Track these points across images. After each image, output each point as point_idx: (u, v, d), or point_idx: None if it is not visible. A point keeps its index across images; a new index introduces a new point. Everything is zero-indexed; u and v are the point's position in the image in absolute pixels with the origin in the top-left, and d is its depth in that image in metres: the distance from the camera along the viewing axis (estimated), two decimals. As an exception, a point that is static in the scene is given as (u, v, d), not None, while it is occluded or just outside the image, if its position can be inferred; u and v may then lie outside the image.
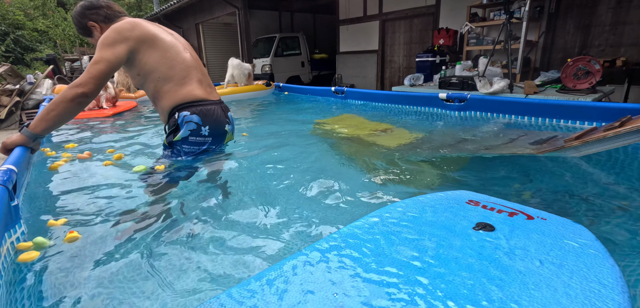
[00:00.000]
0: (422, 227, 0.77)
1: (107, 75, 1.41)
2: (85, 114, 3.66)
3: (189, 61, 1.63)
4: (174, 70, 1.56)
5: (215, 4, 10.06)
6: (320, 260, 0.66)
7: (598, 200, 1.39)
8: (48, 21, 15.10)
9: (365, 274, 0.61)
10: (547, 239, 0.67)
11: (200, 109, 1.58)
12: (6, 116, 6.27)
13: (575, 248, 0.64)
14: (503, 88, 3.49)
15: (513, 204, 0.86)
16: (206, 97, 1.63)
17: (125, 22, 1.52)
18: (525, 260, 0.61)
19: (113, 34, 1.45)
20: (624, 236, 1.12)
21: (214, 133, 1.64)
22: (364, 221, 0.81)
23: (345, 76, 8.79)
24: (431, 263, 0.63)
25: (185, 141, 1.59)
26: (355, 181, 1.69)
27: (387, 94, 3.62)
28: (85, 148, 2.35)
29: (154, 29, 1.58)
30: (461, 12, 5.75)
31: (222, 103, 1.74)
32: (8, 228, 0.99)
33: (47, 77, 7.26)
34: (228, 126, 1.73)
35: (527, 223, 0.74)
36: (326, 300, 0.54)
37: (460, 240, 0.70)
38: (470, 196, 0.93)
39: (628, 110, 1.92)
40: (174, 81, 1.56)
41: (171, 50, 1.58)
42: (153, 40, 1.53)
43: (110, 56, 1.41)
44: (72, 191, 1.53)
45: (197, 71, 1.65)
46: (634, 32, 4.29)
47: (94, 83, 1.38)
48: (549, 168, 1.72)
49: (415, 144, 2.16)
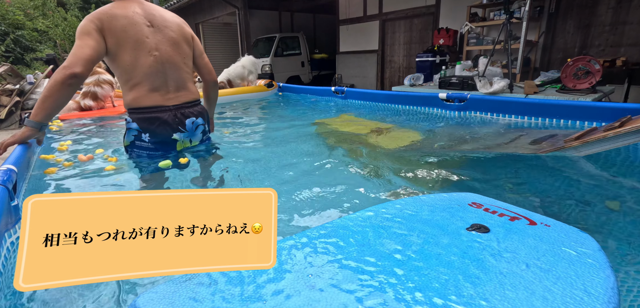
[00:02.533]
0: (414, 224, 0.78)
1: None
2: (87, 114, 3.68)
3: (150, 63, 1.56)
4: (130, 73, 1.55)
5: (215, 4, 10.06)
6: (306, 245, 0.71)
7: (598, 200, 1.39)
8: (48, 21, 15.08)
9: (345, 261, 0.66)
10: (542, 245, 0.68)
11: (141, 116, 1.58)
12: (6, 116, 6.27)
13: (571, 256, 0.64)
14: (503, 88, 3.49)
15: (519, 209, 0.86)
16: (156, 104, 1.58)
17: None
18: (510, 263, 0.62)
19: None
20: (624, 236, 1.12)
21: (156, 140, 1.62)
22: (359, 214, 0.84)
23: (345, 76, 8.80)
24: (412, 257, 0.66)
25: (132, 145, 1.64)
26: (354, 181, 1.69)
27: (387, 94, 3.62)
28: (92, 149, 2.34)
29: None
30: (461, 12, 5.75)
31: (180, 110, 1.65)
32: (8, 228, 0.99)
33: (47, 77, 7.26)
34: (178, 134, 1.66)
35: (526, 228, 0.74)
36: (300, 278, 0.60)
37: (449, 239, 0.71)
38: (475, 198, 0.94)
39: (628, 110, 1.92)
40: (127, 84, 1.56)
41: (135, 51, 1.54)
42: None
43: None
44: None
45: (155, 76, 1.58)
46: (634, 32, 4.28)
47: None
48: (549, 168, 1.72)
49: (415, 144, 2.16)
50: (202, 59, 1.78)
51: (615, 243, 1.08)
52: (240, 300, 0.56)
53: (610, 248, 1.05)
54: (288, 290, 0.58)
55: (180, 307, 0.54)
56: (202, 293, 0.57)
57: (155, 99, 1.58)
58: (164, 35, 1.59)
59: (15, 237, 1.02)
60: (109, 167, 1.80)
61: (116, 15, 1.48)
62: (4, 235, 0.95)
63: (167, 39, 1.60)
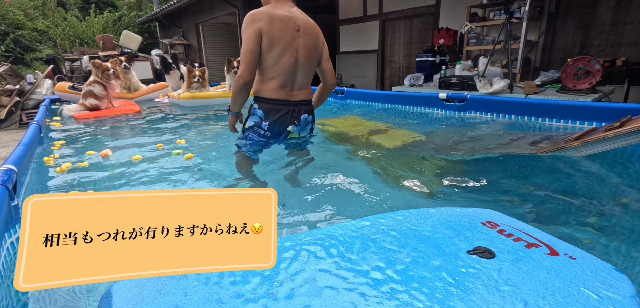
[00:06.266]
0: (408, 240, 0.71)
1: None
2: (92, 114, 3.72)
3: (291, 64, 1.73)
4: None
5: (215, 4, 10.05)
6: (288, 249, 0.69)
7: (598, 200, 1.39)
8: (48, 21, 15.06)
9: (318, 272, 0.62)
10: (556, 281, 0.57)
11: (268, 106, 1.75)
12: (6, 116, 6.27)
13: (589, 300, 0.52)
14: (503, 88, 3.49)
15: (543, 234, 0.75)
16: (282, 98, 1.75)
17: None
18: (505, 298, 0.53)
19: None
20: (624, 236, 1.12)
21: (272, 129, 1.78)
22: (354, 223, 0.79)
23: (345, 76, 8.79)
24: (390, 277, 0.60)
25: (250, 129, 1.81)
26: (354, 180, 1.68)
27: (387, 94, 3.62)
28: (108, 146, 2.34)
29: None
30: (461, 12, 5.75)
31: (298, 105, 1.81)
32: (8, 228, 0.99)
33: (47, 77, 7.25)
34: (292, 127, 1.82)
35: (543, 258, 0.64)
36: (265, 283, 0.60)
37: (442, 261, 0.64)
38: (491, 216, 0.84)
39: (628, 110, 1.92)
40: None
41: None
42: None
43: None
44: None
45: (289, 75, 1.74)
46: (634, 32, 4.28)
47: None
48: (549, 168, 1.72)
49: (414, 145, 2.16)
50: (327, 63, 1.91)
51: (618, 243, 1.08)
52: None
53: (611, 249, 1.05)
54: (247, 295, 0.57)
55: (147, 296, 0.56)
56: (169, 286, 0.59)
57: (282, 93, 1.75)
58: (305, 41, 1.74)
59: (15, 237, 1.02)
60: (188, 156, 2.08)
61: (274, 17, 1.64)
62: (4, 235, 0.95)
63: (307, 45, 1.75)
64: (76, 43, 12.41)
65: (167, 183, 1.77)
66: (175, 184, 1.77)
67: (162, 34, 13.66)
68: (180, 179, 1.82)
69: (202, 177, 1.86)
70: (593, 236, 1.13)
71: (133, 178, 1.83)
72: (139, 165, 2.00)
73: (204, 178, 1.85)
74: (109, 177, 1.84)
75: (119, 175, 1.86)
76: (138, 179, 1.81)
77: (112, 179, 1.82)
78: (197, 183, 1.78)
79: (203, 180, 1.82)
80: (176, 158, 2.11)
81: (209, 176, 1.87)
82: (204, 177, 1.86)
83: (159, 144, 2.41)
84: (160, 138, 2.69)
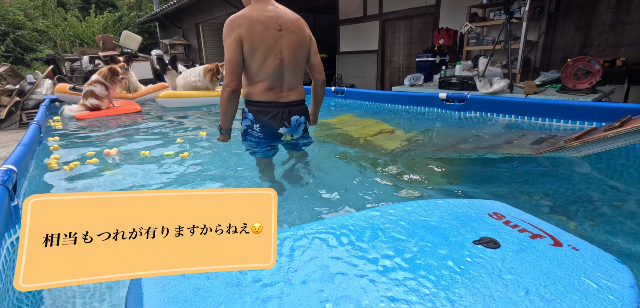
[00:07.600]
0: (417, 230, 0.73)
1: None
2: (93, 114, 3.73)
3: (275, 65, 1.69)
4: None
5: (215, 4, 10.06)
6: (299, 238, 0.71)
7: (598, 200, 1.39)
8: (48, 21, 15.07)
9: (329, 260, 0.65)
10: (558, 270, 0.59)
11: (256, 109, 1.72)
12: (6, 116, 6.26)
13: (588, 289, 0.54)
14: (503, 88, 3.49)
15: (548, 226, 0.76)
16: (270, 100, 1.72)
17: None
18: (507, 286, 0.55)
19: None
20: (624, 236, 1.12)
21: (264, 131, 1.76)
22: (364, 213, 0.82)
23: (345, 76, 8.79)
24: (399, 265, 0.61)
25: (246, 133, 1.80)
26: (355, 181, 1.68)
27: (387, 94, 3.62)
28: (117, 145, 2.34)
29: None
30: (461, 12, 5.75)
31: (288, 107, 1.77)
32: (8, 228, 0.99)
33: (47, 77, 7.25)
34: (283, 129, 1.79)
35: (546, 249, 0.66)
36: (280, 271, 0.62)
37: (449, 251, 0.66)
38: (498, 208, 0.86)
39: (628, 110, 1.92)
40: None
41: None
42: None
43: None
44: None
45: (276, 77, 1.71)
46: (634, 32, 4.28)
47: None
48: (549, 168, 1.72)
49: (414, 145, 2.16)
50: (316, 58, 1.86)
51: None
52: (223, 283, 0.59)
53: (611, 249, 1.05)
54: (265, 280, 0.60)
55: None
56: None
57: (271, 96, 1.71)
58: (289, 40, 1.69)
59: (15, 237, 1.02)
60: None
61: (253, 21, 1.58)
62: (4, 235, 0.95)
63: (291, 43, 1.70)
64: (76, 43, 12.40)
65: (166, 184, 1.77)
66: (175, 184, 1.77)
67: (162, 34, 13.66)
68: (180, 180, 1.82)
69: (202, 177, 1.86)
70: (592, 234, 1.14)
71: (133, 178, 1.83)
72: (139, 165, 2.00)
73: (204, 178, 1.85)
74: (109, 177, 1.84)
75: (119, 175, 1.86)
76: (138, 179, 1.82)
77: (113, 179, 1.82)
78: (197, 183, 1.78)
79: (203, 180, 1.82)
80: (176, 159, 2.11)
81: (209, 177, 1.87)
82: (204, 177, 1.86)
83: (179, 138, 2.56)
84: (161, 138, 2.69)
